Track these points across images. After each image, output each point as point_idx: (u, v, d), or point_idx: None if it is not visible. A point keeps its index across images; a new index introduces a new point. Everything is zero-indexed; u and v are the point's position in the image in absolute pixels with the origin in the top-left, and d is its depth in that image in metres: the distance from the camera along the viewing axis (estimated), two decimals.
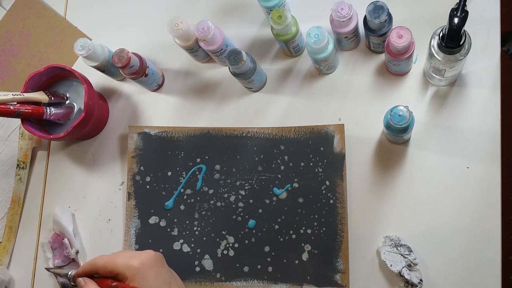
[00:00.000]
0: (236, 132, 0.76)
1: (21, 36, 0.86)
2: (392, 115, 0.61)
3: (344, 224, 0.70)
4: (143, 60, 0.75)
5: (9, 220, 0.81)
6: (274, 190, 0.73)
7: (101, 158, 0.81)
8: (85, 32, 0.86)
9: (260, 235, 0.72)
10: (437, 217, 0.68)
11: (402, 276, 0.65)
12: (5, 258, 0.80)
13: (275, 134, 0.74)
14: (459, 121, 0.69)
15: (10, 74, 0.86)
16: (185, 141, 0.77)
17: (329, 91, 0.75)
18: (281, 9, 0.66)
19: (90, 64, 0.76)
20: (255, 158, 0.74)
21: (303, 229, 0.71)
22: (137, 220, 0.76)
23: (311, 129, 0.73)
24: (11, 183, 0.82)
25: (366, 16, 0.65)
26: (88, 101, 0.73)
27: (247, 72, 0.70)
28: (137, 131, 0.78)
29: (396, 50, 0.64)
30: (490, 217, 0.66)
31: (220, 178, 0.75)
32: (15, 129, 0.84)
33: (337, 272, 0.69)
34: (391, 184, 0.70)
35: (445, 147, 0.69)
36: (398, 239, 0.67)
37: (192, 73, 0.81)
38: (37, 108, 0.73)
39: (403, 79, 0.72)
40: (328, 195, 0.71)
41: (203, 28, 0.69)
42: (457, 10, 0.54)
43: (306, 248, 0.71)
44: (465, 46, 0.60)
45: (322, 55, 0.68)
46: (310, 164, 0.72)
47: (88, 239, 0.78)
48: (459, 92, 0.70)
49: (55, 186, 0.82)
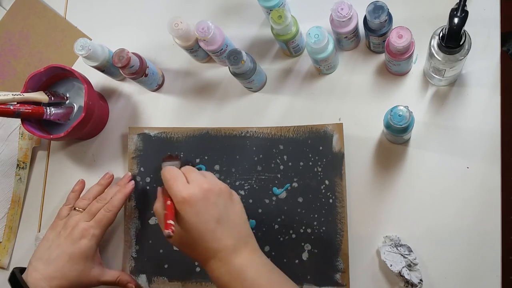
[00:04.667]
0: (235, 132, 0.76)
1: (21, 36, 0.86)
2: (392, 115, 0.61)
3: (344, 224, 0.70)
4: (143, 60, 0.75)
5: (9, 220, 0.81)
6: (274, 190, 0.73)
7: (101, 158, 0.81)
8: (85, 32, 0.86)
9: (260, 235, 0.72)
10: (437, 217, 0.68)
11: (402, 276, 0.65)
12: (5, 258, 0.80)
13: (274, 134, 0.74)
14: (459, 121, 0.69)
15: (10, 74, 0.86)
16: (184, 142, 0.77)
17: (329, 91, 0.75)
18: (281, 9, 0.66)
19: (90, 64, 0.76)
20: (254, 158, 0.74)
21: (303, 229, 0.71)
22: (137, 220, 0.76)
23: (310, 129, 0.73)
24: (11, 183, 0.82)
25: (366, 16, 0.65)
26: (88, 101, 0.73)
27: (247, 72, 0.70)
28: (137, 132, 0.78)
29: (396, 50, 0.64)
30: (490, 217, 0.66)
31: (220, 178, 0.75)
32: (15, 129, 0.84)
33: (337, 271, 0.69)
34: (391, 184, 0.70)
35: (445, 147, 0.69)
36: (398, 239, 0.67)
37: (192, 73, 0.81)
38: (37, 108, 0.73)
39: (403, 79, 0.72)
40: (327, 195, 0.71)
41: (203, 28, 0.69)
42: (457, 10, 0.54)
43: (306, 247, 0.71)
44: (465, 46, 0.60)
45: (322, 55, 0.68)
46: (309, 163, 0.72)
47: None
48: (459, 92, 0.70)
49: (55, 186, 0.82)
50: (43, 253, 0.69)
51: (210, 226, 0.57)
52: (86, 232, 0.69)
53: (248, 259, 0.58)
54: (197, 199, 0.58)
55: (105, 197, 0.73)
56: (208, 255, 0.58)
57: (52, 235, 0.71)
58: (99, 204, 0.72)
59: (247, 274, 0.57)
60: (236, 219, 0.60)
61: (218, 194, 0.60)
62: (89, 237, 0.69)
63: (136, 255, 0.76)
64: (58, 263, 0.67)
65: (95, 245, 0.70)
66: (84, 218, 0.71)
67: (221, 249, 0.58)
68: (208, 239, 0.57)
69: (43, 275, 0.66)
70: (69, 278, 0.67)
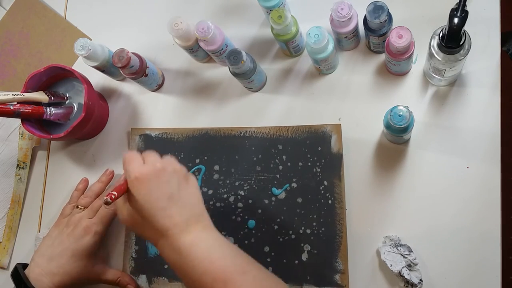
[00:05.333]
0: (234, 132, 0.76)
1: (21, 36, 0.86)
2: (392, 115, 0.61)
3: (343, 225, 0.70)
4: (143, 60, 0.75)
5: (9, 220, 0.81)
6: (273, 190, 0.73)
7: (101, 158, 0.81)
8: (85, 32, 0.86)
9: (259, 235, 0.72)
10: (437, 217, 0.68)
11: (402, 276, 0.65)
12: (5, 258, 0.80)
13: (273, 134, 0.74)
14: (459, 121, 0.69)
15: (10, 74, 0.86)
16: (184, 142, 0.77)
17: (329, 91, 0.75)
18: (281, 9, 0.66)
19: (90, 64, 0.76)
20: (254, 158, 0.74)
21: (303, 229, 0.71)
22: None
23: (309, 129, 0.73)
24: (11, 183, 0.82)
25: (366, 16, 0.65)
26: (88, 101, 0.73)
27: (247, 72, 0.70)
28: (139, 133, 0.79)
29: (396, 50, 0.64)
30: (490, 217, 0.66)
31: (219, 179, 0.75)
32: (15, 129, 0.84)
33: (336, 272, 0.69)
34: (391, 184, 0.70)
35: (445, 147, 0.69)
36: (398, 239, 0.67)
37: (192, 73, 0.81)
38: (37, 108, 0.73)
39: (403, 79, 0.72)
40: (326, 195, 0.71)
41: (203, 28, 0.69)
42: (457, 10, 0.54)
43: (305, 248, 0.71)
44: (465, 46, 0.60)
45: (322, 55, 0.68)
46: (308, 164, 0.72)
47: None
48: (459, 92, 0.70)
49: (55, 186, 0.82)
50: (45, 249, 0.69)
51: (161, 204, 0.56)
52: (89, 229, 0.70)
53: (198, 237, 0.56)
54: (149, 177, 0.57)
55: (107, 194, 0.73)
56: (159, 234, 0.57)
57: (55, 232, 0.71)
58: (101, 201, 0.73)
59: (197, 251, 0.55)
60: (190, 198, 0.59)
61: (172, 173, 0.59)
62: (91, 234, 0.69)
63: (136, 256, 0.76)
64: (61, 259, 0.68)
65: (98, 242, 0.71)
66: (86, 215, 0.71)
67: (171, 227, 0.56)
68: (158, 217, 0.56)
69: (45, 271, 0.67)
70: (71, 274, 0.67)
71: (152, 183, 0.57)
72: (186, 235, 0.56)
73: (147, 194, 0.56)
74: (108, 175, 0.77)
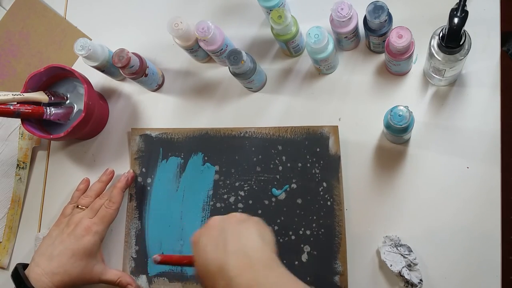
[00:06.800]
0: (234, 133, 0.76)
1: (21, 36, 0.86)
2: (392, 115, 0.61)
3: (342, 227, 0.69)
4: (143, 60, 0.75)
5: (9, 220, 0.81)
6: (273, 191, 0.73)
7: (101, 158, 0.81)
8: (85, 32, 0.86)
9: None
10: (437, 217, 0.68)
11: (402, 276, 0.65)
12: (5, 258, 0.80)
13: (273, 134, 0.74)
14: (459, 121, 0.69)
15: (10, 74, 0.86)
16: (184, 142, 0.77)
17: (329, 91, 0.75)
18: (281, 9, 0.66)
19: (90, 64, 0.76)
20: (253, 158, 0.74)
21: (302, 230, 0.71)
22: (137, 221, 0.76)
23: (307, 129, 0.73)
24: (11, 183, 0.82)
25: (366, 16, 0.65)
26: (88, 101, 0.73)
27: (247, 72, 0.70)
28: (139, 133, 0.79)
29: (396, 50, 0.64)
30: (490, 217, 0.66)
31: (220, 179, 0.75)
32: (15, 129, 0.84)
33: (336, 274, 0.69)
34: (391, 184, 0.70)
35: (445, 147, 0.69)
36: (398, 239, 0.67)
37: (192, 73, 0.81)
38: (37, 108, 0.73)
39: (403, 79, 0.72)
40: (325, 197, 0.71)
41: (203, 28, 0.69)
42: (457, 10, 0.54)
43: (305, 249, 0.71)
44: (465, 46, 0.59)
45: (322, 55, 0.68)
46: (308, 165, 0.72)
47: None
48: (459, 92, 0.70)
49: (55, 186, 0.82)
50: (46, 249, 0.69)
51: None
52: (89, 229, 0.70)
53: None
54: (199, 234, 0.57)
55: (107, 194, 0.74)
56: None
57: (56, 232, 0.71)
58: (101, 200, 0.73)
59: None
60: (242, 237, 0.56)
61: (207, 227, 0.58)
62: (92, 234, 0.69)
63: (136, 256, 0.76)
64: (61, 259, 0.68)
65: (98, 242, 0.71)
66: (87, 215, 0.71)
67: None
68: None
69: (45, 270, 0.67)
70: (71, 274, 0.67)
71: (202, 240, 0.56)
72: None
73: (201, 255, 0.56)
74: (108, 174, 0.77)
